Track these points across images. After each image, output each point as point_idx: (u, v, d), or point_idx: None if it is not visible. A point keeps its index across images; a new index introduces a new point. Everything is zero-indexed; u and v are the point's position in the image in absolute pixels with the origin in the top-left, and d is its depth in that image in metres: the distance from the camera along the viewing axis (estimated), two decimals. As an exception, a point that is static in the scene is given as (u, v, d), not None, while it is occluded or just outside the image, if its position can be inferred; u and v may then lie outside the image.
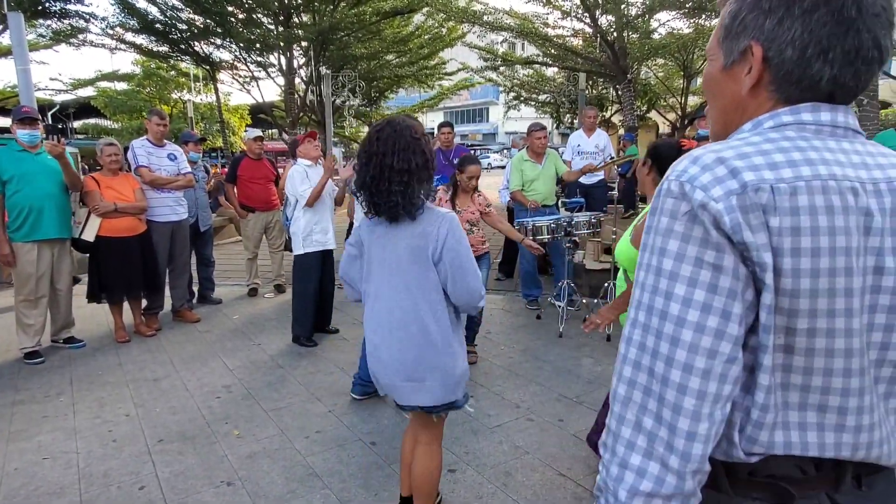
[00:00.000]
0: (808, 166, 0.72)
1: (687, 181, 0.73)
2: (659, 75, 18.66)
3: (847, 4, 0.73)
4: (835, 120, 0.78)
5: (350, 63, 16.14)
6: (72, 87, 21.98)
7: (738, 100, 0.83)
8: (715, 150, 0.75)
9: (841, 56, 0.75)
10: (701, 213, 0.71)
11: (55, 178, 4.32)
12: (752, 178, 0.71)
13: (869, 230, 0.73)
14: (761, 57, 0.78)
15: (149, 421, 3.39)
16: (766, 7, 0.77)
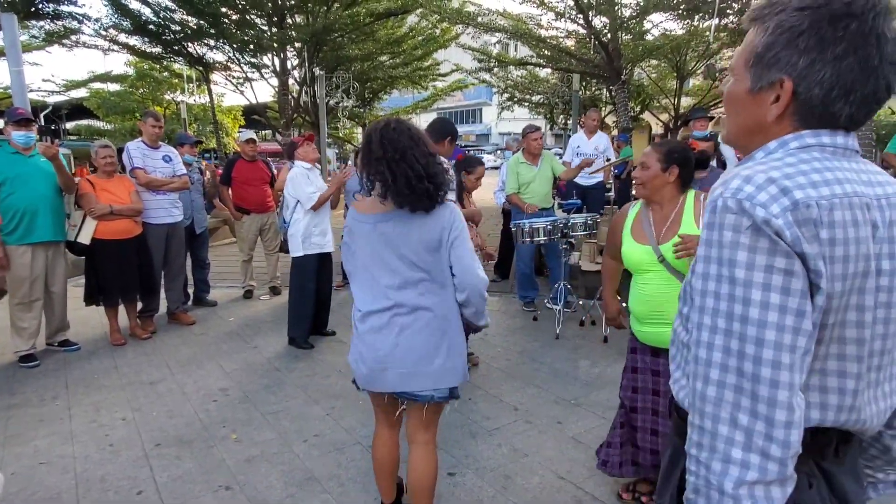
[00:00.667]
0: (837, 185, 0.84)
1: (745, 199, 0.82)
2: (652, 76, 18.75)
3: (872, 55, 0.83)
4: (846, 143, 0.90)
5: (344, 64, 16.13)
6: (65, 88, 21.83)
7: (762, 123, 0.92)
8: (761, 170, 0.85)
9: (860, 98, 0.85)
10: (765, 227, 0.80)
11: (49, 181, 4.29)
12: (801, 196, 0.81)
13: (875, 237, 0.87)
14: (791, 91, 0.87)
15: (146, 425, 3.37)
16: (802, 47, 0.85)
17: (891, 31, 0.83)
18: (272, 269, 6.31)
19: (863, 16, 0.81)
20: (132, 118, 24.98)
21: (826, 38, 0.83)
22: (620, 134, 10.98)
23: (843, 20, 0.82)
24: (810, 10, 0.83)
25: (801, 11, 0.84)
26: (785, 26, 0.85)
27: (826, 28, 0.82)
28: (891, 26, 0.83)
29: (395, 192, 1.97)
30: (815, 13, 0.83)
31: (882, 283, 0.88)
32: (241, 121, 28.76)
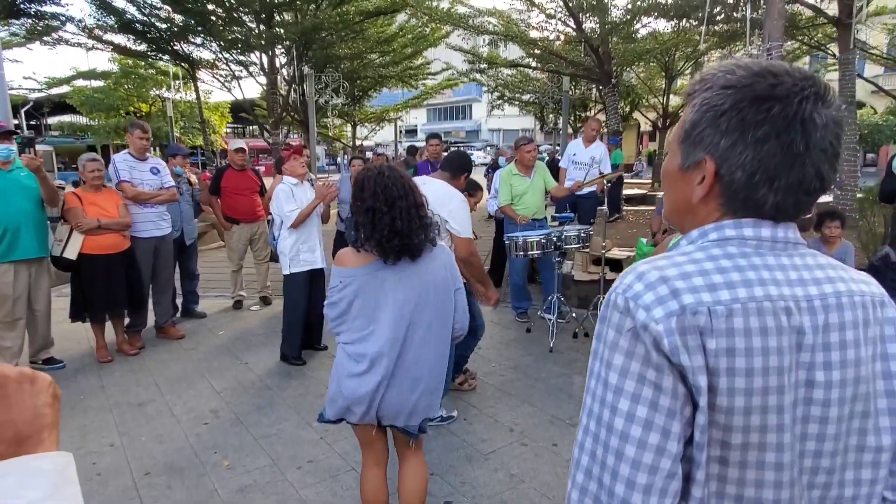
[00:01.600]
0: (744, 288, 0.77)
1: (632, 298, 0.77)
2: (641, 76, 18.81)
3: (796, 140, 0.77)
4: (775, 236, 0.82)
5: (333, 63, 16.00)
6: (47, 86, 21.43)
7: (689, 203, 0.87)
8: (659, 266, 0.80)
9: (785, 186, 0.79)
10: (643, 332, 0.75)
11: (30, 195, 4.19)
12: (690, 300, 0.75)
13: (801, 346, 0.78)
14: (713, 172, 0.82)
15: (134, 451, 3.30)
16: (724, 128, 0.80)
17: (821, 117, 0.78)
18: (262, 278, 6.23)
19: (787, 99, 0.77)
20: (116, 115, 24.65)
21: (747, 120, 0.78)
22: (611, 138, 10.99)
23: (766, 102, 0.77)
24: (734, 89, 0.80)
25: (725, 90, 0.80)
26: (709, 104, 0.82)
27: (748, 109, 0.78)
28: (821, 111, 0.78)
29: (374, 244, 2.00)
30: (739, 93, 0.79)
31: (816, 396, 0.79)
32: (229, 118, 28.50)
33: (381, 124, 25.61)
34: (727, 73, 0.81)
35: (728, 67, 0.82)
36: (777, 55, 6.74)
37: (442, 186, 3.31)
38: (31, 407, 0.65)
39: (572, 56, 12.87)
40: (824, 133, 0.78)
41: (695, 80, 0.87)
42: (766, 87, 0.78)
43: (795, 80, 0.78)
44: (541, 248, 4.65)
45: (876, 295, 0.85)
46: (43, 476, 0.60)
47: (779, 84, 0.77)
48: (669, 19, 10.75)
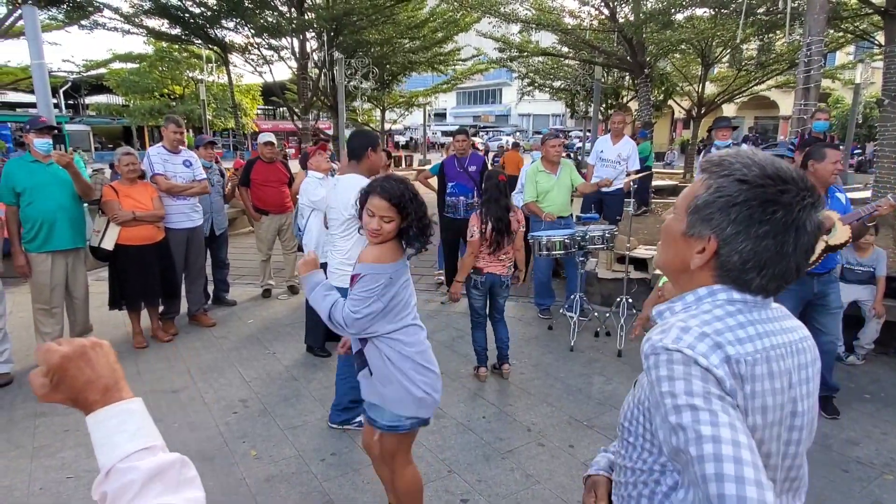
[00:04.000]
0: (759, 340, 0.94)
1: (688, 347, 0.90)
2: (676, 63, 18.35)
3: (788, 242, 0.92)
4: (756, 298, 0.98)
5: (363, 48, 16.01)
6: (84, 68, 21.94)
7: (686, 264, 1.01)
8: (695, 325, 0.93)
9: (770, 275, 0.95)
10: (707, 374, 0.88)
11: (67, 189, 4.35)
12: (733, 352, 0.90)
13: (791, 384, 0.97)
14: (714, 250, 0.96)
15: (168, 437, 3.40)
16: (733, 217, 0.93)
17: (811, 224, 0.92)
18: (291, 268, 6.38)
19: (790, 207, 0.90)
20: (151, 97, 25.14)
21: (754, 217, 0.92)
22: (640, 131, 10.80)
23: (773, 206, 0.90)
24: (748, 185, 0.92)
25: (740, 183, 0.93)
26: (724, 192, 0.94)
27: (756, 208, 0.91)
28: (812, 219, 0.92)
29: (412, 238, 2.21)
30: (751, 191, 0.91)
31: (796, 422, 0.98)
32: (260, 101, 28.78)
33: (410, 109, 25.59)
34: (744, 167, 0.94)
35: (745, 161, 0.95)
36: (817, 50, 6.55)
37: (347, 183, 3.23)
38: (108, 364, 0.85)
39: (605, 45, 12.63)
40: (809, 238, 0.93)
41: (713, 161, 0.99)
42: (775, 193, 0.91)
43: (799, 190, 0.91)
44: (564, 249, 4.66)
45: (808, 338, 1.05)
46: (134, 415, 0.83)
47: (786, 192, 0.91)
48: (709, 7, 10.48)
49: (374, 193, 2.15)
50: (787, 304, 3.59)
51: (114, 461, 0.78)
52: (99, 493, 0.78)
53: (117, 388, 0.83)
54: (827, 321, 3.68)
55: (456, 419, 3.66)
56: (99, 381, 0.81)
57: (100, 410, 0.80)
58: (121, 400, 0.82)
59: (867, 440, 3.42)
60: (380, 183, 2.17)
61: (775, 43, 15.25)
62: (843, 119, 18.85)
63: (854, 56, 20.72)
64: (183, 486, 0.80)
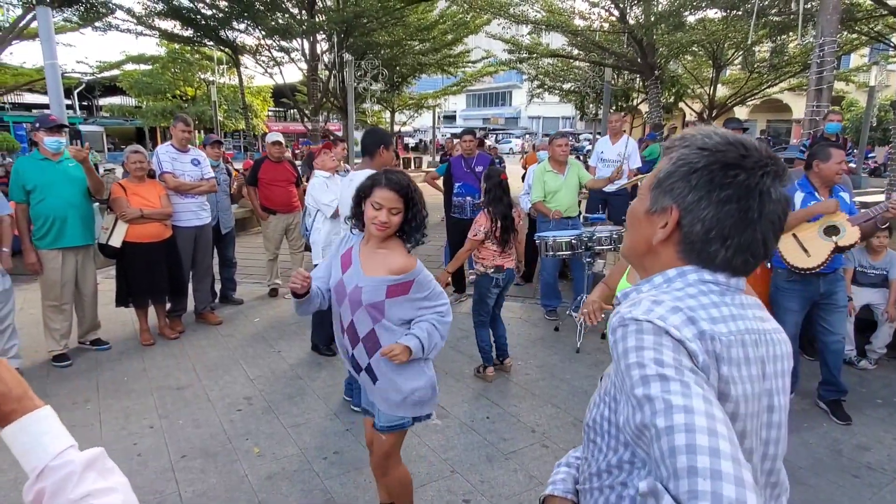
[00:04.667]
0: (733, 322, 0.88)
1: (659, 319, 0.84)
2: (687, 65, 18.24)
3: (753, 207, 0.87)
4: (728, 282, 0.93)
5: (373, 49, 16.06)
6: (98, 70, 22.18)
7: (650, 243, 0.96)
8: (661, 300, 0.88)
9: (735, 245, 0.89)
10: (679, 346, 0.82)
11: (78, 187, 4.39)
12: (707, 328, 0.85)
13: (764, 375, 0.90)
14: (676, 220, 0.92)
15: (172, 434, 3.48)
16: (693, 183, 0.90)
17: (776, 192, 0.88)
18: (297, 267, 6.39)
19: (752, 170, 0.87)
20: (164, 98, 25.36)
21: (715, 181, 0.88)
22: (649, 132, 10.73)
23: (734, 169, 0.87)
24: (709, 151, 0.89)
25: (701, 151, 0.90)
26: (685, 160, 0.91)
27: (717, 172, 0.88)
28: (777, 188, 0.88)
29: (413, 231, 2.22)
30: (713, 156, 0.88)
31: (774, 419, 0.92)
32: (271, 102, 28.95)
33: (420, 111, 25.63)
34: (705, 137, 0.91)
35: (707, 132, 0.93)
36: (830, 51, 6.48)
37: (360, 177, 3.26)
38: (13, 376, 0.85)
39: (615, 47, 12.58)
40: (776, 207, 0.89)
41: (675, 137, 0.97)
42: (737, 157, 0.88)
43: (761, 156, 0.88)
44: (571, 249, 4.63)
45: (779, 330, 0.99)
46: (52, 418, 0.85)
47: (748, 156, 0.88)
48: (720, 8, 10.41)
49: (380, 186, 2.09)
50: (794, 303, 3.61)
51: (45, 461, 0.80)
52: (34, 491, 0.80)
53: (28, 397, 0.84)
54: (834, 320, 3.66)
55: (459, 419, 3.64)
56: (11, 392, 0.83)
57: (21, 419, 0.82)
58: (36, 407, 0.84)
59: (879, 446, 3.36)
60: (384, 175, 2.13)
61: (788, 45, 15.13)
62: (858, 122, 18.63)
63: (868, 58, 20.50)
64: (110, 472, 0.85)
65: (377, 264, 2.15)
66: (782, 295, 3.70)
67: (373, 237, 2.17)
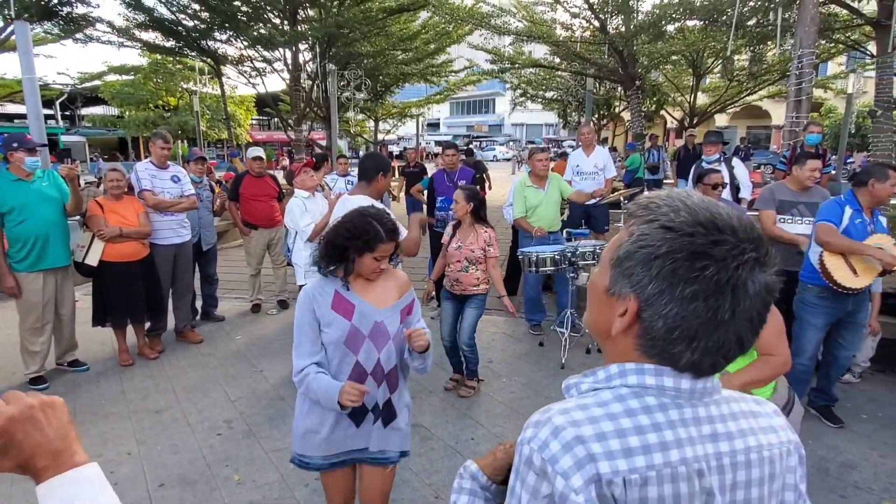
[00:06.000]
0: (661, 452, 0.75)
1: (549, 461, 0.74)
2: (668, 74, 18.47)
3: (724, 307, 0.74)
4: (693, 387, 0.79)
5: (356, 59, 16.05)
6: (79, 81, 21.91)
7: (609, 329, 0.83)
8: (575, 421, 0.76)
9: (703, 348, 0.76)
10: (561, 502, 0.72)
11: (55, 206, 4.31)
12: (606, 469, 0.72)
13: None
14: (635, 312, 0.78)
15: (150, 461, 3.40)
16: (654, 273, 0.76)
17: (754, 285, 0.74)
18: (280, 282, 6.33)
19: (724, 262, 0.73)
20: (146, 108, 25.12)
21: (678, 274, 0.74)
22: (628, 143, 10.83)
23: (702, 260, 0.73)
24: (674, 234, 0.75)
25: (665, 231, 0.75)
26: (646, 241, 0.77)
27: (681, 262, 0.74)
28: (756, 279, 0.74)
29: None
30: (677, 241, 0.74)
31: None
32: (254, 111, 28.78)
33: (404, 119, 25.63)
34: (672, 211, 0.77)
35: (674, 204, 0.78)
36: (809, 62, 6.57)
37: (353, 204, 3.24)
38: (60, 425, 0.77)
39: (596, 57, 12.70)
40: (754, 302, 0.75)
41: (640, 204, 0.82)
42: (706, 244, 0.74)
43: (737, 241, 0.74)
44: (554, 265, 4.63)
45: (783, 443, 0.83)
46: (90, 482, 0.76)
47: (720, 243, 0.74)
48: (699, 19, 10.55)
49: (383, 242, 2.02)
50: (820, 320, 3.65)
51: None
52: None
53: (70, 453, 0.75)
54: (852, 337, 3.75)
55: (444, 441, 3.61)
56: (49, 444, 0.74)
57: (52, 479, 0.73)
58: (74, 466, 0.75)
59: (865, 463, 3.37)
60: (383, 230, 2.02)
61: (766, 54, 15.38)
62: (836, 129, 18.97)
63: (846, 66, 20.91)
64: None
65: (380, 294, 2.12)
66: (809, 311, 3.70)
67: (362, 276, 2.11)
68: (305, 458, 2.16)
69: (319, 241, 2.12)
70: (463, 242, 4.07)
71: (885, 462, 3.39)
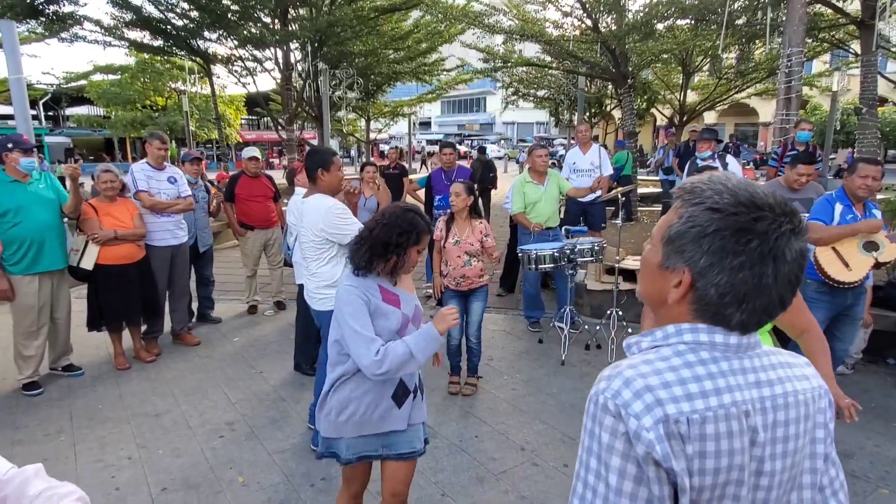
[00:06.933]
0: (715, 396, 0.87)
1: (622, 405, 0.86)
2: (658, 72, 18.55)
3: (767, 273, 0.86)
4: (740, 343, 0.92)
5: (347, 58, 15.97)
6: (65, 80, 21.63)
7: (664, 298, 0.95)
8: (643, 373, 0.88)
9: (751, 309, 0.88)
10: (635, 440, 0.84)
11: (51, 208, 4.25)
12: (673, 411, 0.84)
13: (754, 443, 0.89)
14: (689, 283, 0.90)
15: (151, 465, 3.36)
16: (705, 248, 0.87)
17: (791, 252, 0.86)
18: (277, 283, 6.29)
19: (765, 235, 0.85)
20: (133, 108, 24.85)
21: (727, 248, 0.86)
22: (617, 141, 10.87)
23: (746, 235, 0.85)
24: (720, 214, 0.86)
25: (711, 212, 0.87)
26: (695, 222, 0.89)
27: (729, 238, 0.86)
28: (793, 247, 0.86)
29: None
30: (723, 220, 0.86)
31: (762, 482, 0.91)
32: (244, 111, 28.58)
33: (395, 118, 25.57)
34: (715, 194, 0.88)
35: (717, 187, 0.89)
36: (797, 61, 6.63)
37: (313, 205, 3.19)
38: None
39: (588, 55, 12.73)
40: (792, 267, 0.87)
41: (685, 188, 0.93)
42: (749, 221, 0.85)
43: (775, 216, 0.86)
44: (553, 262, 4.64)
45: (815, 389, 0.97)
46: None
47: (760, 219, 0.85)
48: (689, 18, 10.60)
49: (425, 233, 2.20)
50: (820, 314, 3.67)
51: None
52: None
53: None
54: (849, 330, 3.82)
55: (448, 439, 3.60)
56: None
57: None
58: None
59: (861, 452, 3.41)
60: (424, 224, 2.20)
61: (754, 52, 15.50)
62: (822, 126, 19.17)
63: (830, 64, 21.14)
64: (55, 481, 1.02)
65: (407, 284, 2.32)
66: (810, 305, 3.76)
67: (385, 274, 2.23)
68: (334, 447, 2.21)
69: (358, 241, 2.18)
70: (460, 237, 4.07)
71: (880, 451, 3.43)
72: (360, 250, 2.13)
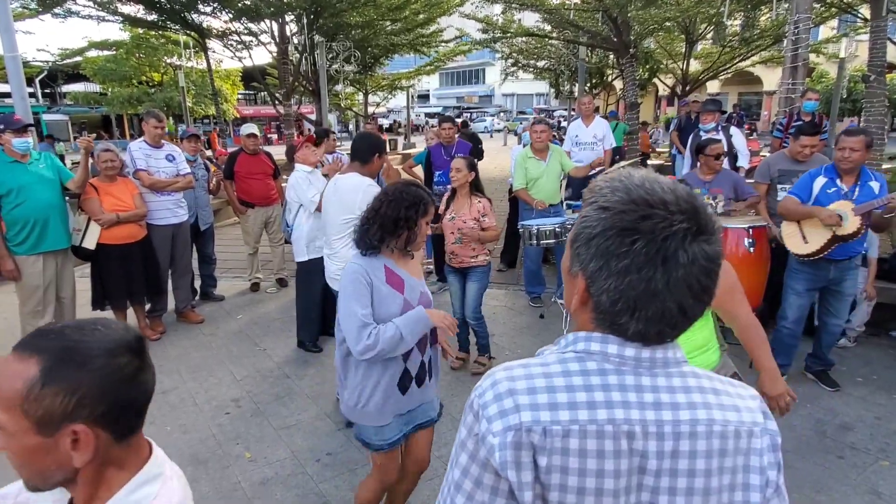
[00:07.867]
0: (587, 410, 0.79)
1: (481, 406, 0.83)
2: (660, 41, 18.26)
3: (656, 277, 0.76)
4: (639, 355, 0.82)
5: (344, 31, 15.73)
6: (60, 57, 21.35)
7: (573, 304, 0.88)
8: (513, 377, 0.83)
9: (646, 318, 0.79)
10: (482, 443, 0.81)
11: (53, 188, 4.24)
12: (528, 418, 0.79)
13: (644, 470, 0.79)
14: (583, 289, 0.84)
15: (159, 441, 3.32)
16: (593, 251, 0.81)
17: (686, 255, 0.76)
18: (278, 260, 6.30)
19: (651, 235, 0.76)
20: (129, 84, 24.59)
21: (611, 250, 0.78)
22: (611, 111, 10.75)
23: (631, 235, 0.77)
24: (608, 213, 0.79)
25: (601, 211, 0.80)
26: (587, 223, 0.82)
27: (613, 239, 0.78)
28: (689, 249, 0.76)
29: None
30: (610, 220, 0.79)
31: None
32: (240, 86, 28.27)
33: (394, 91, 25.29)
34: (611, 191, 0.81)
35: (615, 185, 0.81)
36: (805, 28, 6.51)
37: (350, 184, 3.31)
38: None
39: (589, 24, 12.50)
40: (689, 271, 0.77)
41: (590, 188, 0.86)
42: (634, 219, 0.77)
43: (667, 214, 0.76)
44: (555, 237, 4.63)
45: (746, 424, 0.83)
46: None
47: (648, 217, 0.76)
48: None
49: (432, 204, 2.23)
50: (799, 285, 3.76)
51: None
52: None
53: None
54: (839, 306, 3.82)
55: (452, 415, 3.64)
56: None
57: None
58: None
59: (861, 425, 3.45)
60: (429, 195, 2.23)
61: (760, 18, 15.22)
62: (828, 94, 18.92)
63: (837, 30, 20.74)
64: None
65: (414, 268, 2.30)
66: (791, 276, 3.88)
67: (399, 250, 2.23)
68: (384, 433, 2.22)
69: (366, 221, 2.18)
70: (456, 213, 4.04)
71: (881, 423, 3.47)
72: (370, 230, 2.14)
